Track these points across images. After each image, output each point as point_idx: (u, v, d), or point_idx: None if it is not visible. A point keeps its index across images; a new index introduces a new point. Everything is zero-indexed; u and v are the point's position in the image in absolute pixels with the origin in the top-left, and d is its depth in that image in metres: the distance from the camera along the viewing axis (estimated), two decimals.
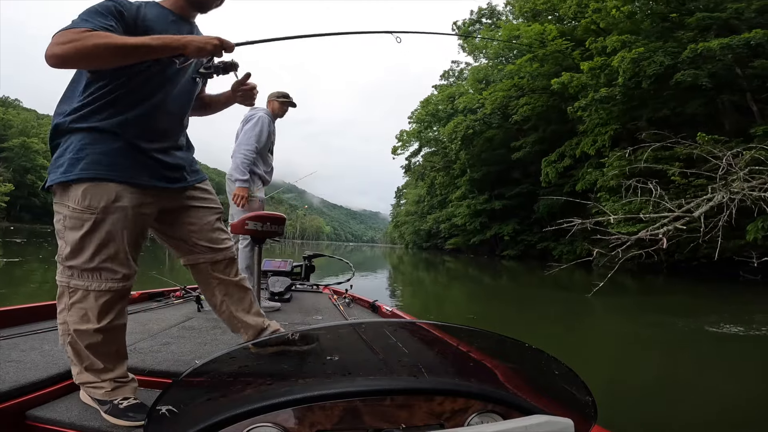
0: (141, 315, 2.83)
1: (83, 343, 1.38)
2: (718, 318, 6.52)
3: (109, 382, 1.43)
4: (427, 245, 59.19)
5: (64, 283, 1.38)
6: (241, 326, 1.77)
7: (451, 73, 50.74)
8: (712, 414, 2.87)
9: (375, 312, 3.44)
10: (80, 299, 1.37)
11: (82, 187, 1.34)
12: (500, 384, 0.91)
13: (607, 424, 1.20)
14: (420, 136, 45.35)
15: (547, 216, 28.35)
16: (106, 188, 1.36)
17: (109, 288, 1.38)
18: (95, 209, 1.34)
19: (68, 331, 1.38)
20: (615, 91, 17.63)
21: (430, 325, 0.97)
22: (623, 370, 4.01)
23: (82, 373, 1.44)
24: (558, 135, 25.54)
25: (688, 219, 10.49)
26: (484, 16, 40.82)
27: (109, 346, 1.43)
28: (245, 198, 3.36)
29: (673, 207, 11.09)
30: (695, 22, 16.43)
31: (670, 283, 13.07)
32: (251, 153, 3.39)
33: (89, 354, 1.41)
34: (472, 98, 31.08)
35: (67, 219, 1.36)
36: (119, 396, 1.42)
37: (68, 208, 1.35)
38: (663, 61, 15.84)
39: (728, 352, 4.67)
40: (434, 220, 45.17)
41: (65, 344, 1.42)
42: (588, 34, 22.05)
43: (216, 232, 1.71)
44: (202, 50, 1.39)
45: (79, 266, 1.36)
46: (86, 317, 1.37)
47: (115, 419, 1.36)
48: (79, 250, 1.35)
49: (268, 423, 0.70)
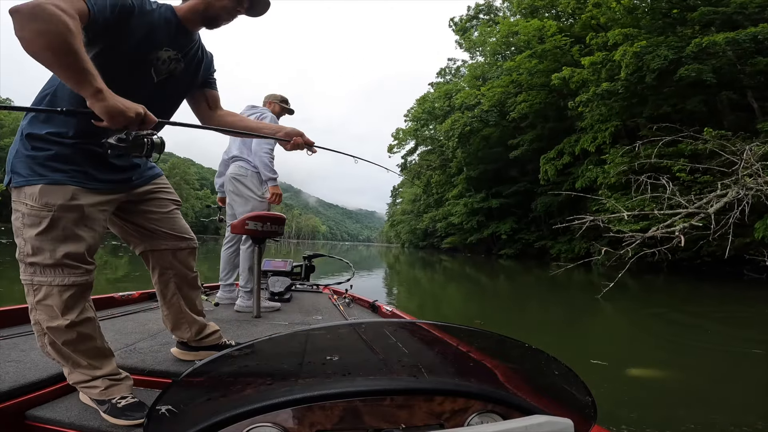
0: (141, 315, 2.83)
1: (60, 340, 1.40)
2: (721, 317, 6.55)
3: (101, 380, 1.46)
4: (423, 244, 59.29)
5: (28, 281, 1.39)
6: (186, 323, 1.83)
7: (447, 70, 50.85)
8: (712, 414, 2.89)
9: (375, 312, 3.46)
10: (45, 296, 1.38)
11: (38, 187, 1.35)
12: (500, 384, 0.92)
13: (607, 424, 1.21)
14: (416, 134, 45.43)
15: (545, 214, 28.50)
16: (63, 189, 1.38)
17: (73, 282, 1.40)
18: (52, 207, 1.36)
19: (43, 331, 1.41)
20: (617, 86, 17.57)
21: (430, 325, 0.98)
22: (623, 370, 4.03)
23: (72, 373, 1.47)
24: (556, 132, 25.64)
25: (703, 215, 10.13)
26: (481, 12, 40.85)
27: (86, 342, 1.45)
28: (281, 195, 3.45)
29: (688, 203, 10.73)
30: (699, 16, 16.40)
31: (670, 282, 13.05)
32: (272, 151, 3.43)
33: (69, 352, 1.43)
34: (470, 94, 31.05)
35: (26, 217, 1.37)
36: (116, 395, 1.45)
37: (26, 206, 1.36)
38: (667, 55, 15.77)
39: (729, 353, 4.69)
40: (430, 219, 45.29)
41: (45, 346, 1.44)
42: (586, 31, 22.10)
43: (179, 221, 1.76)
44: (114, 117, 1.21)
45: (40, 263, 1.37)
46: (54, 313, 1.39)
47: (114, 419, 1.38)
48: (39, 248, 1.37)
49: (268, 423, 0.71)
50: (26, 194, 1.36)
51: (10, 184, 1.40)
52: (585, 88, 19.64)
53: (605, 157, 18.61)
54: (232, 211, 3.57)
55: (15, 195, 1.40)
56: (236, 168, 3.51)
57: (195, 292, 1.85)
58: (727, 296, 10.07)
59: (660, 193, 11.50)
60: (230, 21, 1.62)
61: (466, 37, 40.33)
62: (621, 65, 16.99)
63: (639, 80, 17.02)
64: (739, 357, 4.47)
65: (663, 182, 11.19)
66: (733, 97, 16.65)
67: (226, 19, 1.61)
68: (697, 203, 10.69)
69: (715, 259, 13.16)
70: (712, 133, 12.46)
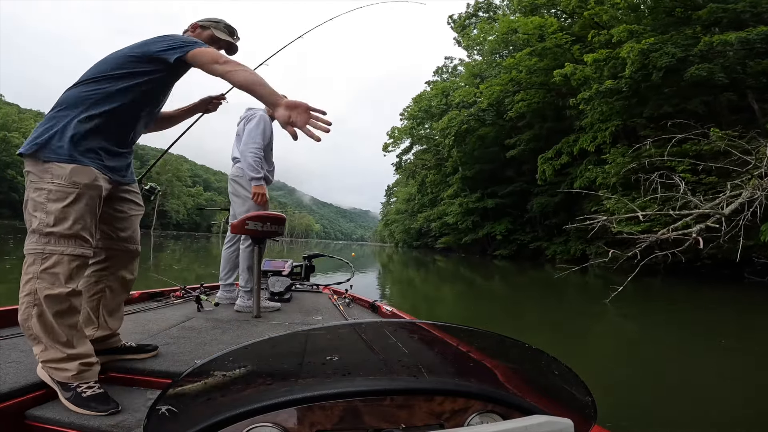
0: (141, 315, 2.84)
1: (51, 310, 1.48)
2: (723, 318, 6.59)
3: (77, 363, 1.51)
4: (417, 244, 59.41)
5: (39, 250, 1.51)
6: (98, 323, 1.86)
7: (444, 69, 50.89)
8: (712, 414, 2.92)
9: (375, 312, 3.50)
10: (53, 264, 1.50)
11: (71, 167, 1.55)
12: (500, 384, 0.93)
13: (607, 424, 1.22)
14: (412, 132, 45.41)
15: (541, 215, 28.59)
16: (89, 171, 1.59)
17: (81, 253, 1.56)
18: (79, 185, 1.55)
19: (35, 302, 1.48)
20: (621, 84, 17.49)
21: (430, 325, 0.99)
22: (623, 370, 4.06)
23: (46, 350, 1.51)
24: (554, 132, 25.71)
25: (718, 216, 9.82)
26: (480, 10, 40.87)
27: (73, 316, 1.54)
28: (265, 195, 3.43)
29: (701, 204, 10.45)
30: (706, 14, 16.33)
31: (669, 284, 13.09)
32: (260, 150, 3.45)
33: (54, 324, 1.49)
34: (468, 92, 31.05)
35: (52, 193, 1.53)
36: (83, 382, 1.50)
37: (53, 184, 1.53)
38: (675, 53, 15.66)
39: (731, 352, 4.73)
40: (425, 218, 45.32)
41: (30, 318, 1.49)
42: (585, 30, 22.14)
43: (137, 229, 1.95)
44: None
45: (59, 232, 1.52)
46: (57, 281, 1.50)
47: (76, 408, 1.44)
48: (62, 219, 1.52)
49: (268, 423, 0.71)
50: (54, 173, 1.54)
51: (36, 153, 1.55)
52: (586, 86, 19.58)
53: (605, 156, 18.60)
54: (233, 211, 3.63)
55: (40, 168, 1.55)
56: (235, 169, 3.61)
57: (122, 297, 1.95)
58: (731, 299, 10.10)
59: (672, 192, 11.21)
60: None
61: (464, 33, 40.36)
62: (627, 62, 16.88)
63: (644, 78, 16.96)
64: (742, 358, 4.50)
65: (675, 181, 10.81)
66: (732, 98, 16.69)
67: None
68: (708, 204, 10.46)
69: (715, 262, 13.08)
70: (719, 133, 12.34)
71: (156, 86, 1.78)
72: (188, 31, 2.13)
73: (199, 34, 2.10)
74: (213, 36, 2.10)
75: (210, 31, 2.11)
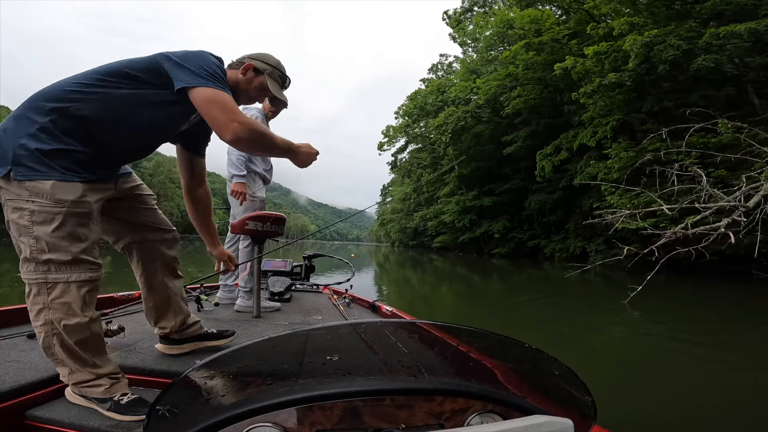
0: (141, 315, 2.84)
1: (73, 339, 1.43)
2: (724, 316, 6.59)
3: (106, 378, 1.50)
4: (413, 243, 59.31)
5: (40, 279, 1.39)
6: (172, 311, 1.92)
7: (439, 66, 50.86)
8: (713, 414, 2.93)
9: (375, 312, 3.53)
10: (61, 293, 1.40)
11: (50, 183, 1.37)
12: (500, 384, 0.94)
13: (607, 424, 1.24)
14: (407, 131, 45.30)
15: (538, 213, 28.61)
16: (73, 185, 1.41)
17: (89, 278, 1.44)
18: (64, 203, 1.38)
19: (55, 331, 1.41)
20: (624, 77, 17.35)
21: (429, 325, 1.00)
22: (624, 370, 4.08)
23: (74, 373, 1.49)
24: (551, 129, 25.65)
25: (744, 210, 9.33)
26: (476, 5, 40.87)
27: (96, 340, 1.50)
28: (244, 193, 3.44)
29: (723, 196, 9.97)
30: (710, 6, 16.25)
31: (672, 282, 13.00)
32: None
33: (79, 351, 1.45)
34: (465, 87, 30.92)
35: (35, 214, 1.36)
36: (117, 392, 1.50)
37: (34, 204, 1.36)
38: (680, 45, 15.51)
39: (732, 353, 4.73)
40: (421, 217, 45.24)
41: (52, 346, 1.43)
42: (581, 26, 22.10)
43: (160, 214, 1.90)
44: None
45: (57, 260, 1.38)
46: (71, 311, 1.40)
47: (120, 416, 1.44)
48: (55, 246, 1.38)
49: (267, 423, 0.72)
50: (33, 191, 1.36)
51: (7, 176, 1.36)
52: (587, 80, 19.47)
53: (607, 151, 18.52)
54: (233, 211, 3.66)
55: (14, 189, 1.37)
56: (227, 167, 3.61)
57: (180, 281, 1.97)
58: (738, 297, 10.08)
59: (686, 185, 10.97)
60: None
61: (460, 28, 40.31)
62: (630, 55, 16.76)
63: (648, 71, 16.87)
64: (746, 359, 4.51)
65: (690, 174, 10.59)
66: (731, 93, 16.70)
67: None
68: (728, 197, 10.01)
69: (722, 258, 12.88)
70: (728, 125, 12.19)
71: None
72: (236, 68, 1.75)
73: (250, 79, 1.75)
74: (263, 85, 1.77)
75: (263, 78, 1.76)
